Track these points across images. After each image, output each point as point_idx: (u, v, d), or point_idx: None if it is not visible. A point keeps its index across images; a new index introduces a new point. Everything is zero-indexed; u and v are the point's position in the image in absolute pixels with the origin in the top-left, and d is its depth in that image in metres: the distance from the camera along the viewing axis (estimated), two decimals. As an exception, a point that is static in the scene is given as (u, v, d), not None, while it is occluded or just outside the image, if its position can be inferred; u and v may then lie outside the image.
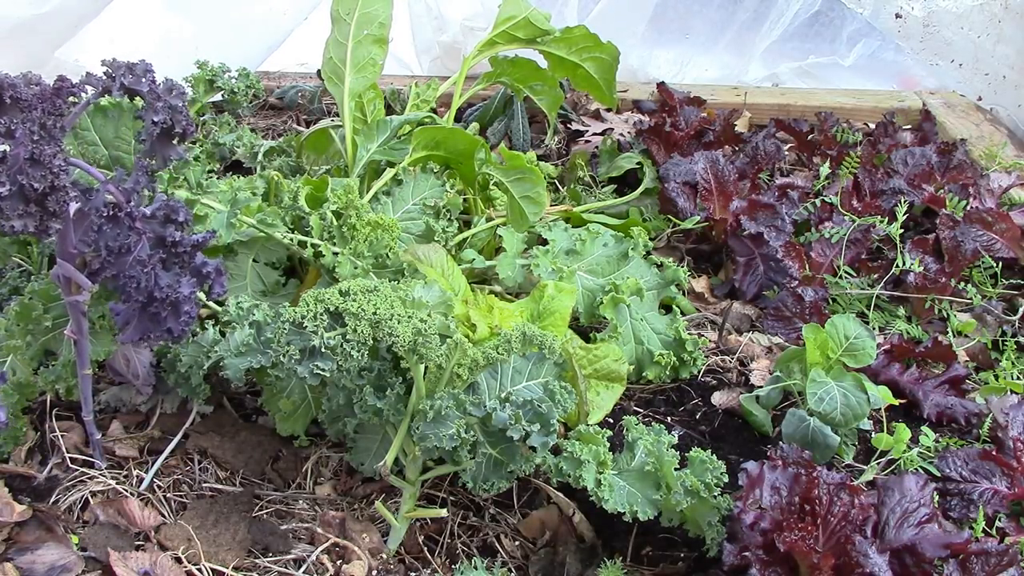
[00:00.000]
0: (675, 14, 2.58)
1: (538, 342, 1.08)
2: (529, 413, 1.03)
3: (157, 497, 1.20)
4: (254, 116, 2.34)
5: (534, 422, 1.02)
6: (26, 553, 1.08)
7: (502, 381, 1.11)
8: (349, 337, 0.97)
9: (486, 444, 1.07)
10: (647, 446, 1.09)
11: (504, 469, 1.08)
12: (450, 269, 1.30)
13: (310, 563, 1.12)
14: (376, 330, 0.98)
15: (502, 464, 1.08)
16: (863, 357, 1.31)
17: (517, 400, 1.05)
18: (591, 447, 1.07)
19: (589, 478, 1.05)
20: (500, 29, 1.78)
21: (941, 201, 1.83)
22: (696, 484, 1.05)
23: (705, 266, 1.80)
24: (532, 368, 1.12)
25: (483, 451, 1.08)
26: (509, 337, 1.06)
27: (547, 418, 1.02)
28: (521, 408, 1.03)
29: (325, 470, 1.27)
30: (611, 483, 1.06)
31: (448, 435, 1.02)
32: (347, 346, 0.98)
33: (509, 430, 1.02)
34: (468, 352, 1.03)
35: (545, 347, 1.09)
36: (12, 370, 1.21)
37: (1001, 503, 1.20)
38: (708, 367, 1.50)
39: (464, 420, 1.04)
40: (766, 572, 0.99)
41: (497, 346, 1.06)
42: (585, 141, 2.21)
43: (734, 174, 1.84)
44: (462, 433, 1.03)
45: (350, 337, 0.97)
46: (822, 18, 2.54)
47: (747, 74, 2.59)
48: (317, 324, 0.98)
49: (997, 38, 2.44)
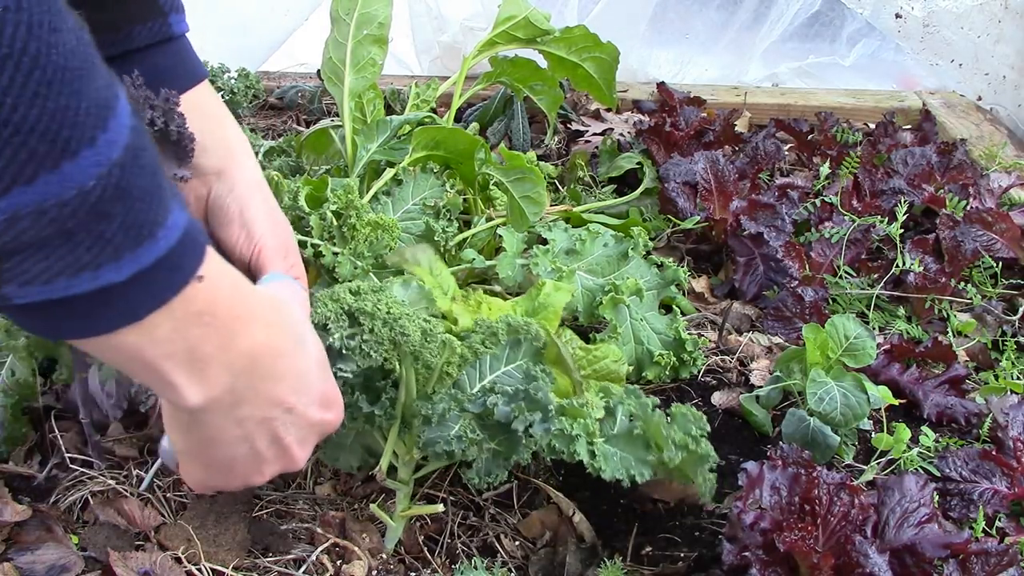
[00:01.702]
0: (675, 14, 2.58)
1: (523, 330, 1.08)
2: (528, 402, 1.02)
3: (157, 497, 1.20)
4: (254, 116, 2.34)
5: (534, 410, 1.01)
6: (26, 553, 1.08)
7: (481, 369, 1.11)
8: (366, 337, 0.97)
9: (486, 438, 1.07)
10: (631, 410, 1.09)
11: (503, 459, 1.07)
12: (438, 269, 1.29)
13: (310, 563, 1.12)
14: (390, 329, 0.97)
15: (500, 455, 1.07)
16: (863, 357, 1.31)
17: (504, 390, 1.04)
18: (580, 421, 1.06)
19: (583, 451, 1.04)
20: (500, 29, 1.78)
21: (941, 201, 1.83)
22: (683, 438, 1.05)
23: (705, 266, 1.80)
24: (509, 353, 1.12)
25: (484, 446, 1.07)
26: (495, 329, 1.06)
27: (544, 405, 1.02)
28: (513, 399, 1.03)
29: (325, 470, 1.27)
30: (604, 452, 1.06)
31: (455, 437, 1.02)
32: (365, 346, 0.97)
33: (514, 423, 1.01)
34: (456, 349, 1.03)
35: (521, 332, 1.08)
36: (11, 370, 1.21)
37: (1001, 503, 1.20)
38: (708, 367, 1.50)
39: (466, 419, 1.04)
40: (766, 572, 0.99)
41: (483, 340, 1.06)
42: (585, 141, 2.21)
43: (734, 174, 1.84)
44: (469, 433, 1.03)
45: (367, 337, 0.97)
46: (822, 18, 2.54)
47: (747, 74, 2.59)
48: (340, 325, 0.97)
49: (997, 38, 2.44)
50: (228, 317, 0.61)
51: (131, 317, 0.54)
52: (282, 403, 0.72)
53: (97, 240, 0.49)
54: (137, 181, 0.49)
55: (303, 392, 0.74)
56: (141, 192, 0.50)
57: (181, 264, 0.55)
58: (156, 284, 0.54)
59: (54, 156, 0.44)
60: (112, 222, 0.49)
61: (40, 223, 0.46)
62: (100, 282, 0.50)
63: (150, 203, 0.51)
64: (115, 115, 0.47)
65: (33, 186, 0.44)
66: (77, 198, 0.46)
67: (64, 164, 0.45)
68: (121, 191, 0.48)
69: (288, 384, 0.72)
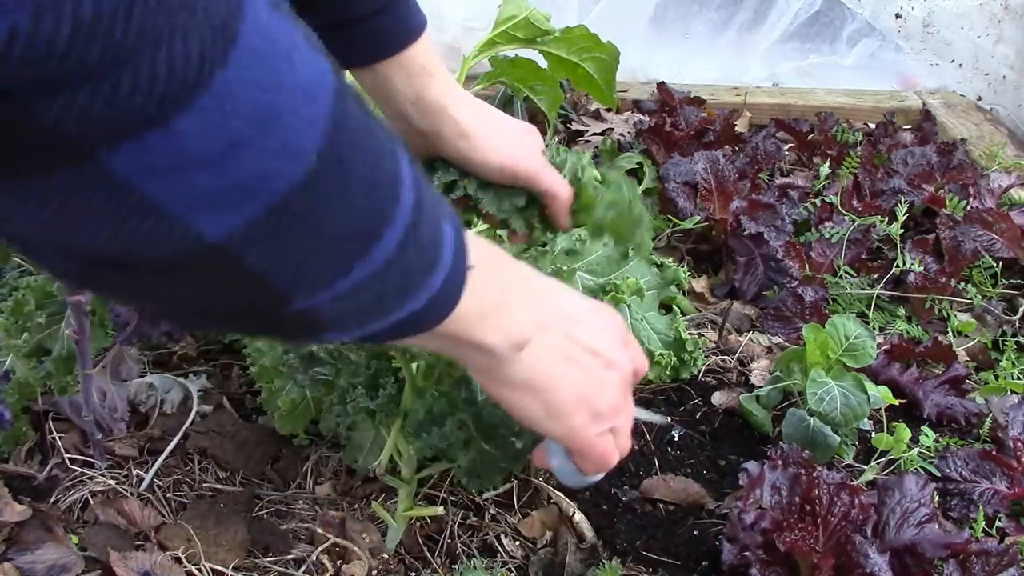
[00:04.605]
0: (675, 14, 2.58)
1: None
2: None
3: (157, 497, 1.20)
4: (254, 116, 2.34)
5: None
6: (26, 553, 1.08)
7: None
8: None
9: (480, 439, 1.06)
10: None
11: (498, 463, 1.07)
12: None
13: (310, 563, 1.12)
14: None
15: (496, 459, 1.07)
16: (863, 357, 1.31)
17: None
18: None
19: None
20: (500, 29, 1.78)
21: (941, 201, 1.83)
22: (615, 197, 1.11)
23: (705, 266, 1.80)
24: None
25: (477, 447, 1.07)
26: None
27: None
28: None
29: (325, 470, 1.27)
30: None
31: (442, 433, 1.01)
32: (343, 348, 0.97)
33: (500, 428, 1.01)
34: None
35: None
36: (12, 369, 1.21)
37: (1001, 503, 1.20)
38: (708, 367, 1.50)
39: (458, 417, 1.03)
40: (766, 572, 0.99)
41: None
42: (585, 141, 2.21)
43: (734, 174, 1.84)
44: (456, 431, 1.02)
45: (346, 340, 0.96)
46: (822, 18, 2.54)
47: (747, 74, 2.58)
48: None
49: (997, 38, 2.44)
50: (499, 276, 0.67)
51: (428, 327, 0.60)
52: (571, 317, 0.75)
53: (403, 284, 0.54)
54: (425, 231, 0.54)
55: (585, 309, 0.78)
56: (430, 236, 0.55)
57: (457, 272, 0.59)
58: (447, 295, 0.59)
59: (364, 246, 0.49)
60: (409, 271, 0.54)
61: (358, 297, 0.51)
62: (403, 315, 0.56)
63: (435, 237, 0.55)
64: (402, 183, 0.51)
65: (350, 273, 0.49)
66: (384, 266, 0.50)
67: (373, 248, 0.49)
68: (417, 246, 0.53)
69: (569, 300, 0.77)
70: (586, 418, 0.75)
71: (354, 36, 0.93)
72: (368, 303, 0.52)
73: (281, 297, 0.47)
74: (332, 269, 0.47)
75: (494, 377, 0.71)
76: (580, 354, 0.74)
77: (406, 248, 0.51)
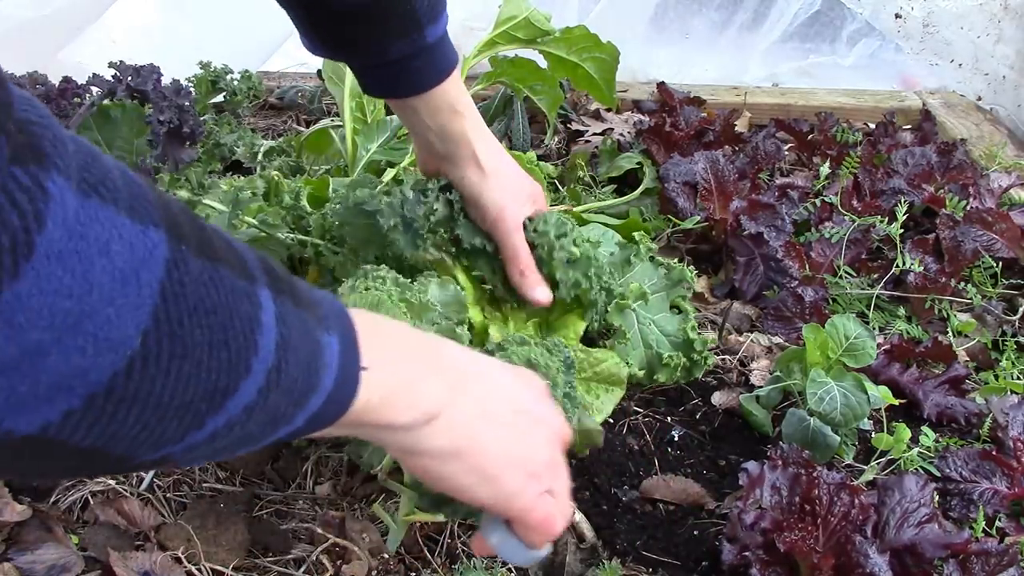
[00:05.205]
0: (675, 14, 2.58)
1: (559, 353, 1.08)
2: None
3: (157, 497, 1.20)
4: (254, 116, 2.34)
5: None
6: (26, 553, 1.08)
7: None
8: None
9: None
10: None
11: None
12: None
13: (310, 563, 1.12)
14: None
15: None
16: (863, 357, 1.31)
17: None
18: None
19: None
20: (500, 29, 1.78)
21: (941, 201, 1.83)
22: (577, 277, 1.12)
23: (705, 266, 1.80)
24: None
25: None
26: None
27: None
28: None
29: (325, 470, 1.27)
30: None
31: None
32: None
33: None
34: None
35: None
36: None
37: (1001, 503, 1.20)
38: (708, 367, 1.50)
39: None
40: (766, 572, 0.99)
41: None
42: (585, 141, 2.21)
43: (734, 174, 1.84)
44: None
45: None
46: (822, 18, 2.54)
47: (747, 74, 2.59)
48: None
49: (997, 38, 2.44)
50: (403, 357, 0.63)
51: (316, 430, 0.56)
52: (488, 378, 0.71)
53: (273, 418, 0.51)
54: (293, 367, 0.50)
55: (504, 372, 0.75)
56: (302, 367, 0.51)
57: (346, 382, 0.56)
58: (334, 406, 0.55)
59: (216, 403, 0.46)
60: (275, 409, 0.51)
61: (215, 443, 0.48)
62: (278, 435, 0.53)
63: (309, 364, 0.52)
64: (261, 327, 0.48)
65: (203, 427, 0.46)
66: (244, 413, 0.48)
67: (227, 402, 0.46)
68: (284, 386, 0.50)
69: (487, 363, 0.73)
70: (521, 478, 0.69)
71: (388, 75, 1.01)
72: (230, 443, 0.50)
73: (122, 459, 0.44)
74: (180, 430, 0.45)
75: (415, 451, 0.64)
76: (503, 413, 0.69)
77: (268, 393, 0.48)
